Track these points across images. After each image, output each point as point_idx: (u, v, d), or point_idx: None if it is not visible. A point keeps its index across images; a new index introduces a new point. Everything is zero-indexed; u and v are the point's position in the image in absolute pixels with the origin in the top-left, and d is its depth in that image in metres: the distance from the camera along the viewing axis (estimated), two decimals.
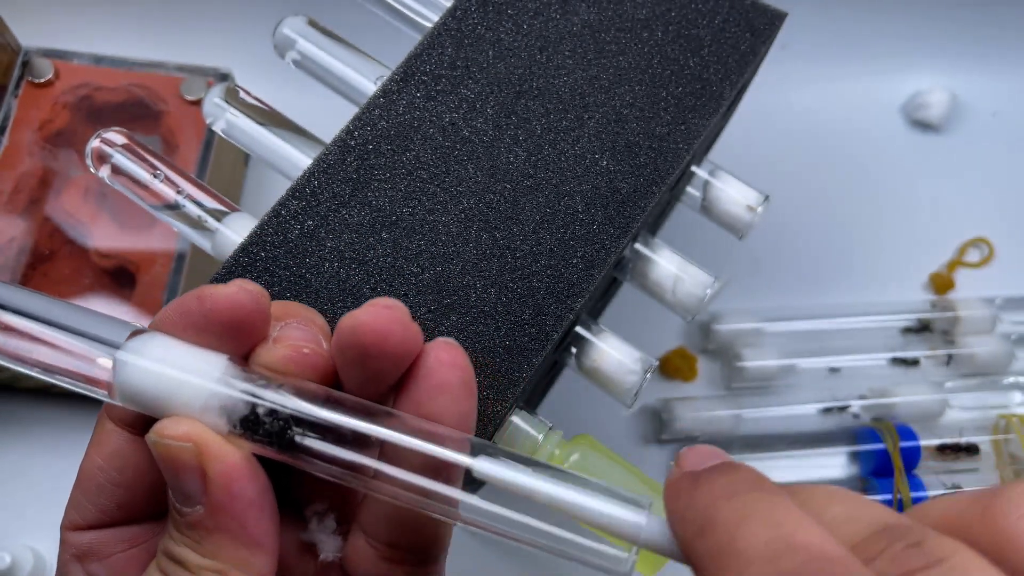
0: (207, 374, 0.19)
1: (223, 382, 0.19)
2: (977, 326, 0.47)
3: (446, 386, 0.20)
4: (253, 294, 0.20)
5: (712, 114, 0.33)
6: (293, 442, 0.19)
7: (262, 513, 0.19)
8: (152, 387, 0.19)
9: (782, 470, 0.43)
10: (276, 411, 0.19)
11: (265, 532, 0.19)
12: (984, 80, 0.55)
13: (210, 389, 0.19)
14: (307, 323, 0.21)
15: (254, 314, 0.20)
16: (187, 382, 0.19)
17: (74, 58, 0.44)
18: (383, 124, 0.32)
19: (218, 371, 0.19)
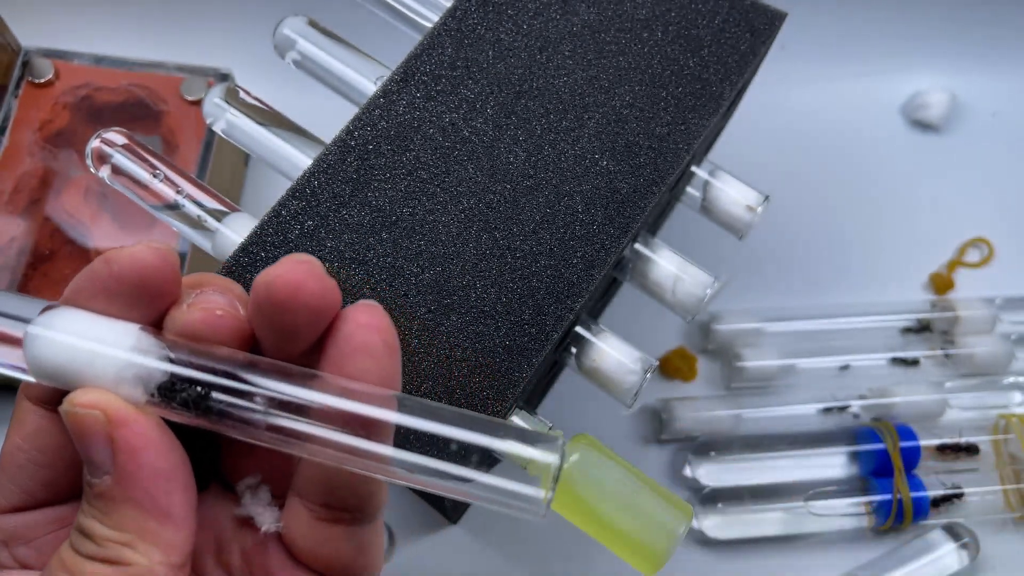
0: (119, 343, 0.19)
1: (136, 350, 0.19)
2: (977, 326, 0.47)
3: (367, 348, 0.20)
4: (160, 252, 0.19)
5: (712, 114, 0.33)
6: (211, 407, 0.19)
7: (172, 484, 0.19)
8: (64, 360, 0.19)
9: (782, 470, 0.43)
10: (192, 377, 0.19)
11: (176, 504, 0.19)
12: (984, 80, 0.55)
13: (122, 359, 0.19)
14: (223, 290, 0.21)
15: (162, 272, 0.20)
16: (99, 353, 0.19)
17: (74, 58, 0.44)
18: (383, 124, 0.32)
19: (130, 340, 0.19)
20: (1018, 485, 0.43)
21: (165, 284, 0.20)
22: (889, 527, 0.42)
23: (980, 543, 0.42)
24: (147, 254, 0.19)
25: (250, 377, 0.19)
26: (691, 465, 0.43)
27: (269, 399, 0.19)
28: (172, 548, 0.19)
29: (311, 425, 0.19)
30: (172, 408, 0.19)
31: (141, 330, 0.20)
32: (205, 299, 0.20)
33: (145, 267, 0.19)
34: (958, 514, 0.43)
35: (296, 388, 0.19)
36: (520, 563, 0.42)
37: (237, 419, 0.19)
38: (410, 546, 0.42)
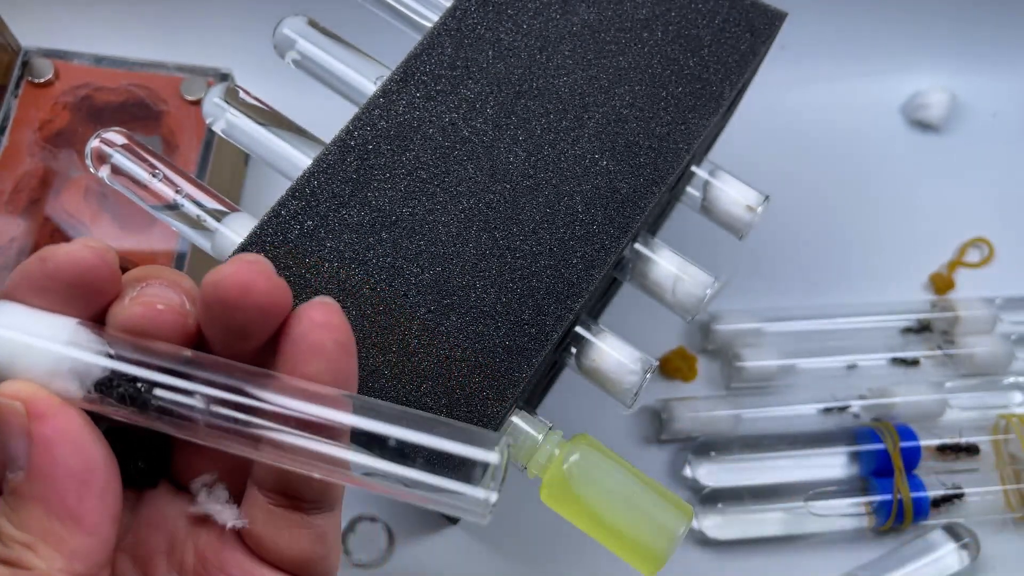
0: (53, 337, 0.19)
1: (71, 344, 0.19)
2: (977, 326, 0.47)
3: (319, 348, 0.20)
4: (97, 250, 0.19)
5: (712, 114, 0.33)
6: (149, 403, 0.19)
7: (85, 487, 0.18)
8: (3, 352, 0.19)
9: (782, 470, 0.43)
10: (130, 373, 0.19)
11: (88, 509, 0.18)
12: (984, 80, 0.55)
13: (55, 352, 0.19)
14: (170, 284, 0.20)
15: (98, 270, 0.19)
16: (31, 346, 0.19)
17: (74, 58, 0.44)
18: (383, 124, 0.32)
19: (66, 333, 0.19)
20: (1018, 485, 0.43)
21: (101, 282, 0.19)
22: (889, 527, 0.42)
23: (980, 543, 0.42)
24: (83, 252, 0.19)
25: (190, 373, 0.19)
26: (691, 465, 0.43)
27: (209, 397, 0.19)
28: (77, 555, 0.18)
29: (251, 424, 0.19)
30: (110, 404, 0.19)
31: (79, 324, 0.19)
32: (147, 293, 0.20)
33: (80, 265, 0.19)
34: (958, 514, 0.43)
35: (237, 384, 0.19)
36: (520, 563, 0.42)
37: (177, 416, 0.19)
38: (410, 546, 0.42)
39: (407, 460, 0.19)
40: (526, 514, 0.42)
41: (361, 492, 0.43)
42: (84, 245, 0.19)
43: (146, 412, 0.19)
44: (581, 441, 0.29)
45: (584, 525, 0.29)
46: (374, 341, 0.29)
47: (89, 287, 0.19)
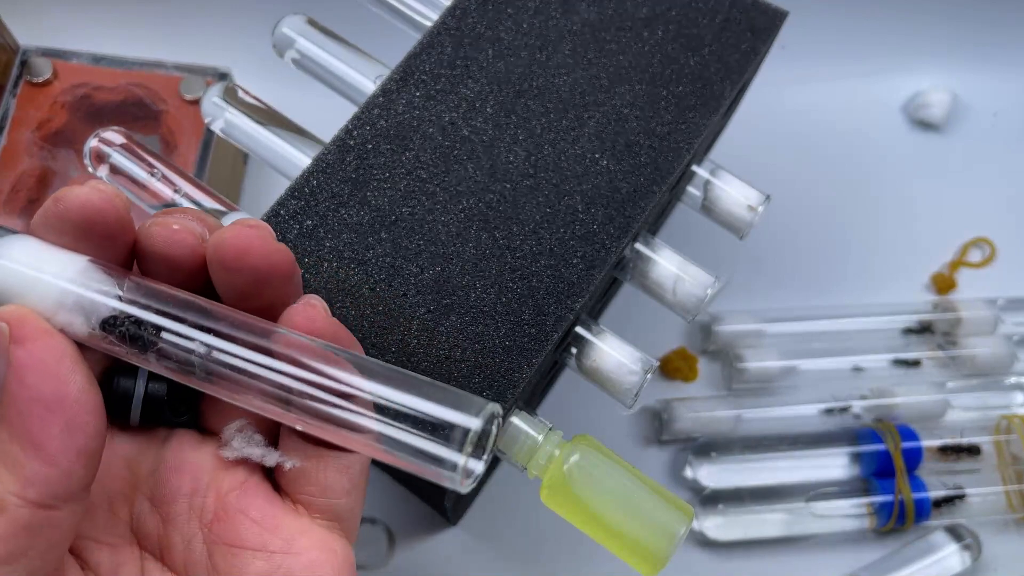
0: (60, 272, 0.19)
1: (79, 281, 0.19)
2: (979, 327, 0.47)
3: None
4: (105, 194, 0.20)
5: (713, 113, 0.33)
6: (151, 344, 0.19)
7: (51, 415, 0.18)
8: (7, 283, 0.19)
9: (783, 471, 0.43)
10: (134, 314, 0.19)
11: (51, 437, 0.18)
12: (985, 80, 0.55)
13: (60, 286, 0.19)
14: (194, 217, 0.21)
15: (106, 213, 0.20)
16: (39, 279, 0.19)
17: (73, 57, 0.44)
18: (382, 123, 0.32)
19: (73, 270, 0.19)
20: (1020, 486, 0.43)
21: (112, 224, 0.20)
22: (891, 528, 0.42)
23: (982, 544, 0.42)
24: (92, 195, 0.19)
25: (193, 319, 0.19)
26: (692, 466, 0.43)
27: (208, 345, 0.19)
28: (32, 483, 0.18)
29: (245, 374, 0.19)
30: (112, 343, 0.19)
31: (90, 262, 0.20)
32: (166, 217, 0.21)
33: (87, 207, 0.19)
34: (960, 515, 0.42)
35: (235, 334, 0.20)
36: (520, 564, 0.42)
37: (177, 361, 0.19)
38: (410, 547, 0.42)
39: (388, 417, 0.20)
40: (526, 514, 0.42)
41: None
42: (94, 188, 0.20)
43: (147, 354, 0.19)
44: (581, 442, 0.29)
45: (584, 526, 0.29)
46: (373, 341, 0.29)
47: (99, 229, 0.20)
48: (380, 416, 0.19)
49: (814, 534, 0.42)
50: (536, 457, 0.29)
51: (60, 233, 0.20)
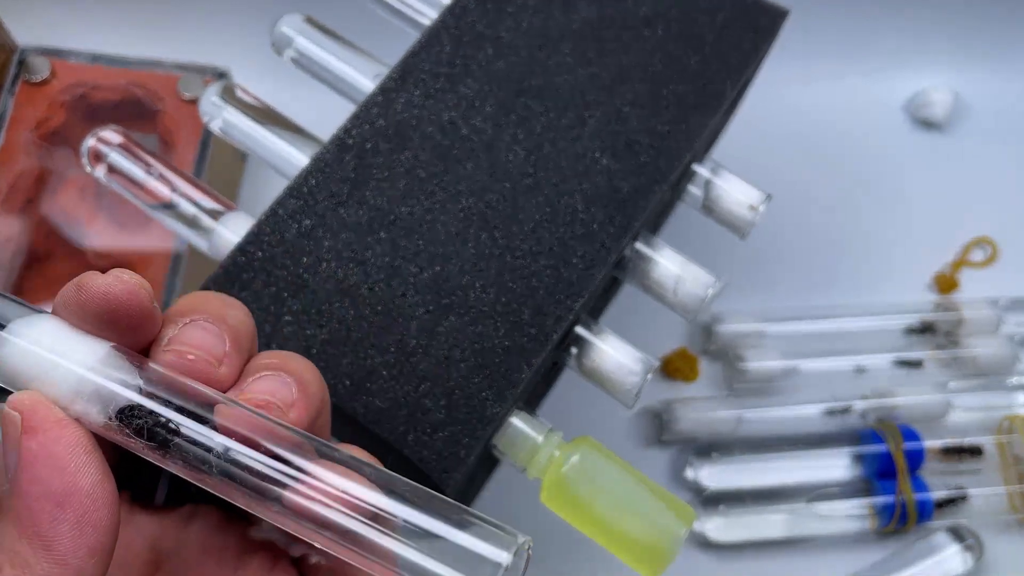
0: (81, 359, 0.19)
1: (97, 370, 0.19)
2: (981, 327, 0.47)
3: None
4: (129, 285, 0.19)
5: (713, 112, 0.33)
6: (166, 441, 0.18)
7: (61, 511, 0.17)
8: (26, 366, 0.19)
9: (784, 472, 0.43)
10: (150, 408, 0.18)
11: (61, 536, 0.17)
12: (987, 78, 0.55)
13: (80, 375, 0.18)
14: (215, 320, 0.20)
15: (128, 306, 0.19)
16: (59, 365, 0.18)
17: (71, 56, 0.44)
18: (381, 122, 0.32)
19: (95, 358, 0.19)
20: (1022, 486, 0.43)
21: (134, 318, 0.19)
22: (893, 529, 0.42)
23: (984, 545, 0.41)
24: (115, 286, 0.19)
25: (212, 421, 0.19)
26: (693, 467, 0.43)
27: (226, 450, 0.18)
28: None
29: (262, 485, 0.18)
30: (127, 436, 0.19)
31: (113, 349, 0.19)
32: (183, 338, 0.20)
33: (109, 299, 0.19)
34: (962, 516, 0.42)
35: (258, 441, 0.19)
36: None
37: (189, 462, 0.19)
38: None
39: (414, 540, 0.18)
40: (526, 515, 0.42)
41: None
42: (117, 278, 0.19)
43: (161, 450, 0.19)
44: (582, 443, 0.29)
45: (585, 527, 0.29)
46: (372, 341, 0.29)
47: (121, 322, 0.19)
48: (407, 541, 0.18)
49: (816, 535, 0.42)
50: (536, 458, 0.29)
51: (82, 319, 0.19)
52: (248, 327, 0.21)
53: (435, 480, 0.27)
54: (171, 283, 0.40)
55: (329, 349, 0.28)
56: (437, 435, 0.28)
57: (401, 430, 0.28)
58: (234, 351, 0.20)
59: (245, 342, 0.21)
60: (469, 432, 0.28)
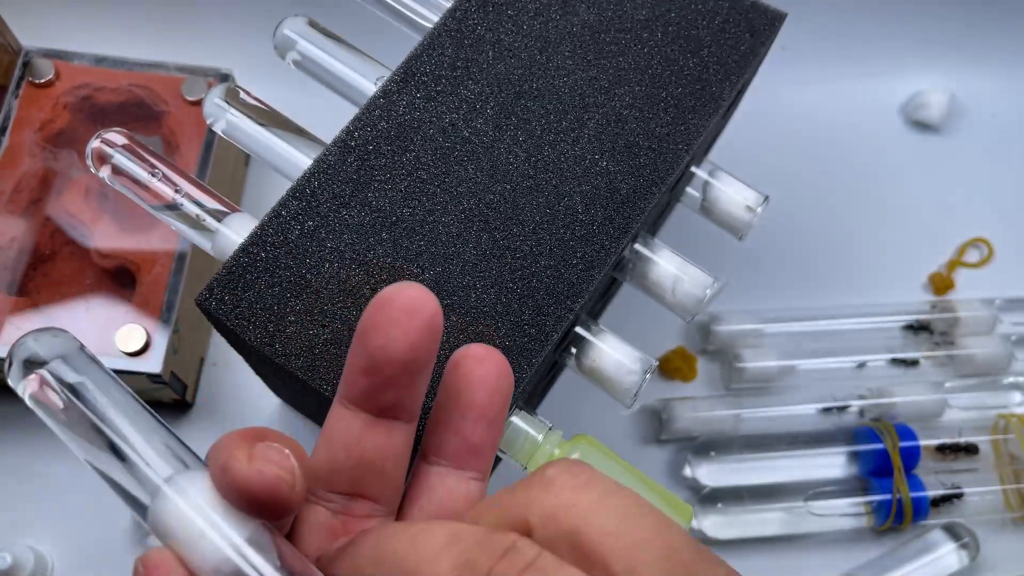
0: (231, 537, 0.18)
1: (242, 550, 0.18)
2: (977, 327, 0.47)
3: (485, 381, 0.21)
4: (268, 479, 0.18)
5: (712, 114, 0.33)
6: None
7: None
8: (178, 526, 0.19)
9: (782, 470, 0.43)
10: None
11: None
12: (983, 81, 0.55)
13: (226, 555, 0.18)
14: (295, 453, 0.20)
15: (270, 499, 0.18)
16: (206, 535, 0.18)
17: (75, 58, 0.45)
18: (383, 125, 0.32)
19: (243, 536, 0.19)
20: (1018, 485, 0.43)
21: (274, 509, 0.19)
22: (889, 527, 0.42)
23: (980, 543, 0.42)
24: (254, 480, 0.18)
25: None
26: (691, 465, 0.43)
27: None
28: None
29: None
30: None
31: (262, 527, 0.19)
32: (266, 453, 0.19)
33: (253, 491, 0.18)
34: (958, 514, 0.43)
35: None
36: None
37: None
38: None
39: None
40: None
41: None
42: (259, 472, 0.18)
43: None
44: (581, 441, 0.30)
45: None
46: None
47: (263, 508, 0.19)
48: None
49: (812, 533, 0.43)
50: (536, 456, 0.29)
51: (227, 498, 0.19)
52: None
53: None
54: (175, 283, 0.40)
55: (332, 349, 0.29)
56: None
57: None
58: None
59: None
60: None
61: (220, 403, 0.44)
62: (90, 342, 0.39)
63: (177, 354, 0.41)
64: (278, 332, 0.29)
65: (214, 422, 0.44)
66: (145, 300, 0.40)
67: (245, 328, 0.29)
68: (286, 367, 0.28)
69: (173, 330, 0.39)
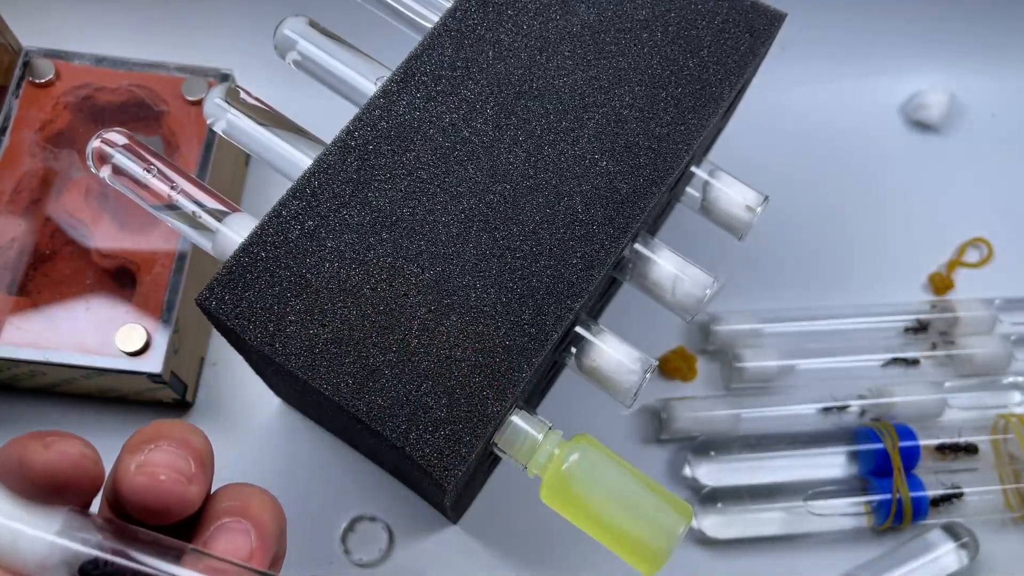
0: (46, 526, 0.19)
1: (63, 534, 0.19)
2: (976, 327, 0.47)
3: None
4: (72, 457, 0.19)
5: (711, 115, 0.33)
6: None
7: None
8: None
9: (781, 470, 0.43)
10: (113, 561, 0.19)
11: None
12: (983, 81, 0.55)
13: (48, 541, 0.19)
14: (180, 444, 0.21)
15: (76, 478, 0.19)
16: (23, 534, 0.19)
17: (75, 58, 0.45)
18: (383, 125, 0.32)
19: (58, 523, 0.19)
20: (1017, 485, 0.43)
21: (81, 486, 0.20)
22: (888, 527, 0.42)
23: (980, 543, 0.42)
24: (59, 462, 0.19)
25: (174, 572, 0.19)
26: (691, 465, 0.43)
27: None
28: None
29: None
30: None
31: (70, 511, 0.19)
32: (152, 460, 0.20)
33: (57, 474, 0.19)
34: (957, 514, 0.43)
35: None
36: (520, 563, 0.42)
37: None
38: (410, 546, 0.42)
39: None
40: (526, 514, 0.42)
41: (361, 492, 0.43)
42: (61, 453, 0.19)
43: None
44: (581, 441, 0.30)
45: (584, 525, 0.29)
46: (375, 341, 0.29)
47: (68, 491, 0.20)
48: None
49: (812, 532, 0.43)
50: (536, 456, 0.29)
51: (28, 493, 0.19)
52: (209, 451, 0.22)
53: (436, 478, 0.28)
54: (175, 283, 0.40)
55: (332, 348, 0.29)
56: (438, 433, 0.28)
57: (403, 428, 0.28)
58: (200, 471, 0.21)
59: (208, 464, 0.21)
60: (470, 430, 0.28)
61: (220, 403, 0.45)
62: (90, 342, 0.39)
63: (177, 354, 0.41)
64: (278, 332, 0.29)
65: (214, 422, 0.44)
66: (145, 300, 0.40)
67: (245, 328, 0.29)
68: (286, 367, 0.29)
69: (173, 330, 0.39)
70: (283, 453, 0.44)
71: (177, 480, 0.20)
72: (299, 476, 0.43)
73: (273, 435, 0.44)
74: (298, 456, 0.44)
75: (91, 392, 0.43)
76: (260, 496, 0.22)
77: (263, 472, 0.43)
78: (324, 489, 0.43)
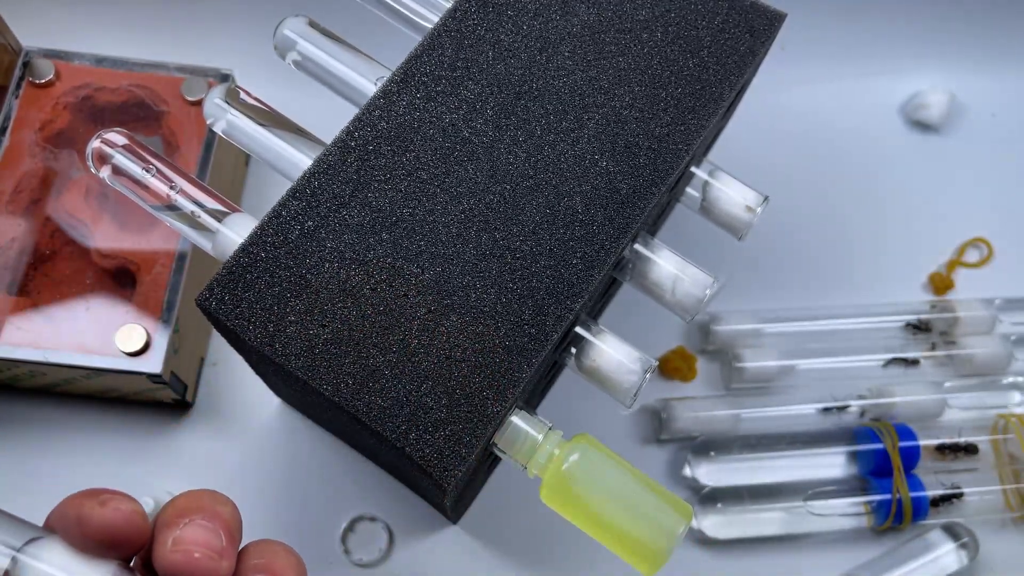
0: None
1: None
2: (976, 327, 0.47)
3: None
4: (125, 514, 0.21)
5: (711, 115, 0.33)
6: None
7: None
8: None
9: (781, 470, 0.43)
10: None
11: None
12: (983, 81, 0.55)
13: None
14: (211, 517, 0.22)
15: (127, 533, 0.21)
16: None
17: (75, 59, 0.45)
18: (383, 125, 0.32)
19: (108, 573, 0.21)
20: (1017, 485, 0.43)
21: (132, 541, 0.21)
22: (888, 527, 0.42)
23: (979, 543, 0.42)
24: (114, 519, 0.21)
25: None
26: (690, 465, 0.43)
27: None
28: None
29: None
30: None
31: (118, 568, 0.21)
32: (187, 537, 0.22)
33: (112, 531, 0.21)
34: (957, 514, 0.43)
35: None
36: (520, 563, 0.42)
37: None
38: (410, 546, 0.42)
39: None
40: (526, 514, 0.42)
41: (361, 492, 0.43)
42: (116, 511, 0.21)
43: None
44: (581, 441, 0.30)
45: (584, 525, 0.29)
46: (375, 341, 0.29)
47: (121, 547, 0.21)
48: None
49: (812, 533, 0.43)
50: (536, 456, 0.29)
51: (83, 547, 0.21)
52: (238, 520, 0.23)
53: (436, 478, 0.28)
54: (175, 283, 0.40)
55: (332, 348, 0.29)
56: (439, 433, 0.28)
57: (403, 428, 0.28)
58: (230, 545, 0.22)
59: (237, 534, 0.23)
60: (470, 430, 0.28)
61: (220, 403, 0.45)
62: (90, 342, 0.39)
63: (177, 354, 0.41)
64: (278, 332, 0.29)
65: (214, 422, 0.44)
66: (145, 300, 0.40)
67: (245, 328, 0.29)
68: (286, 367, 0.29)
69: (173, 330, 0.39)
70: (283, 453, 0.44)
71: (210, 557, 0.22)
72: (299, 476, 0.43)
73: (273, 435, 0.44)
74: (298, 456, 0.44)
75: (91, 392, 0.43)
76: (285, 553, 0.24)
77: (263, 472, 0.43)
78: (324, 489, 0.43)
